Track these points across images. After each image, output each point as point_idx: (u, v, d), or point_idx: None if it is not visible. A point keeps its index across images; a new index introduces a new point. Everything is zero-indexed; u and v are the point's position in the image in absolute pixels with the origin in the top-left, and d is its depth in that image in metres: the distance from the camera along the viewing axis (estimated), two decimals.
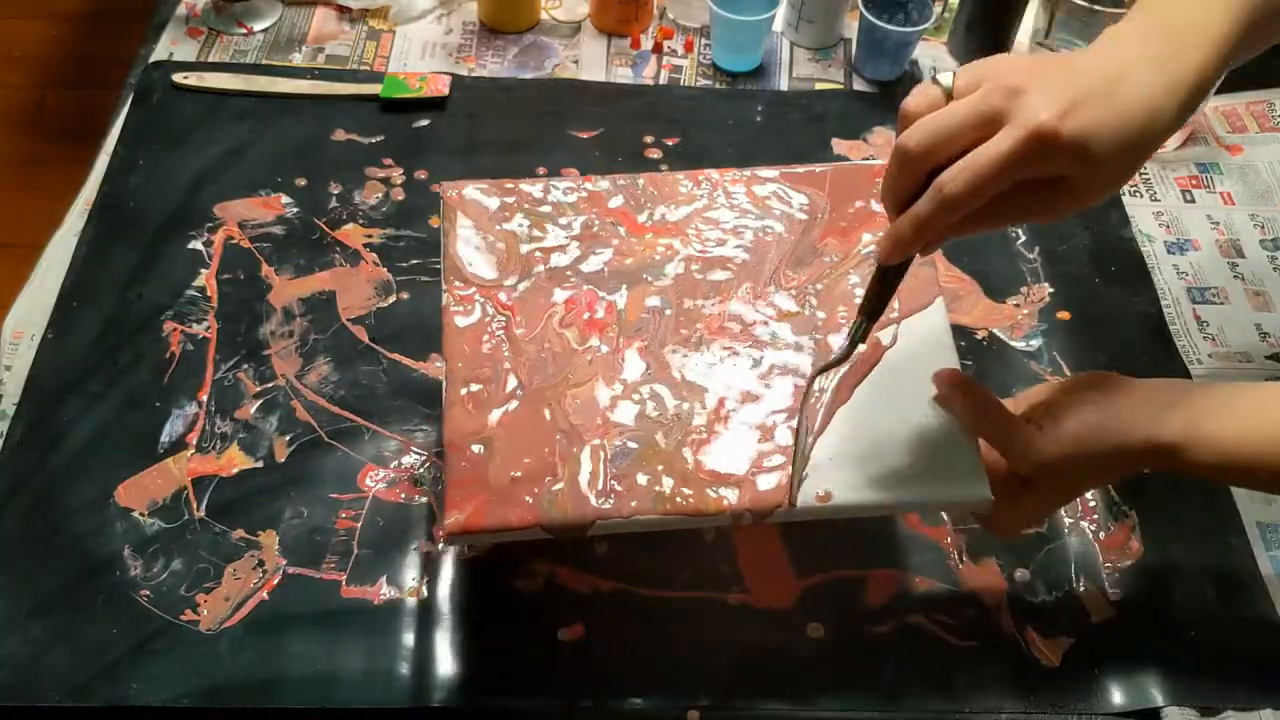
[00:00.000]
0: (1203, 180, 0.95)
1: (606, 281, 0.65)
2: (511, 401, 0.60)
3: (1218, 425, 0.54)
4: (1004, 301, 0.84)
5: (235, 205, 0.85)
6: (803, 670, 0.65)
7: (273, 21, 1.01)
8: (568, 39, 1.03)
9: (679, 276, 0.66)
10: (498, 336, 0.63)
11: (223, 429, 0.73)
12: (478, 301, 0.64)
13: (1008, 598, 0.68)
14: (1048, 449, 0.54)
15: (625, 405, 0.60)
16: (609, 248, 0.67)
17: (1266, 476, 0.55)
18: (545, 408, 0.60)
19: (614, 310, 0.64)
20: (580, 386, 0.61)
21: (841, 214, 0.68)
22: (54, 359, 0.75)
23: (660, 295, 0.65)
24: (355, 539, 0.69)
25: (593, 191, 0.69)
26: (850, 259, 0.66)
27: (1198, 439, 0.54)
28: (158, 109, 0.92)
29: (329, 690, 0.63)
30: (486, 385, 0.61)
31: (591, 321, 0.63)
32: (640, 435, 0.59)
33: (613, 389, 0.61)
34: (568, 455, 0.58)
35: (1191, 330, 0.83)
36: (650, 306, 0.64)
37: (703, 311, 0.64)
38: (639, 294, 0.65)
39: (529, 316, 0.64)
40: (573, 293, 0.65)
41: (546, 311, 0.64)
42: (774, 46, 1.03)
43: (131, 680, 0.62)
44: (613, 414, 0.60)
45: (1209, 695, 0.65)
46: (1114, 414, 0.54)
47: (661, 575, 0.68)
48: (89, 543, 0.67)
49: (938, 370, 0.59)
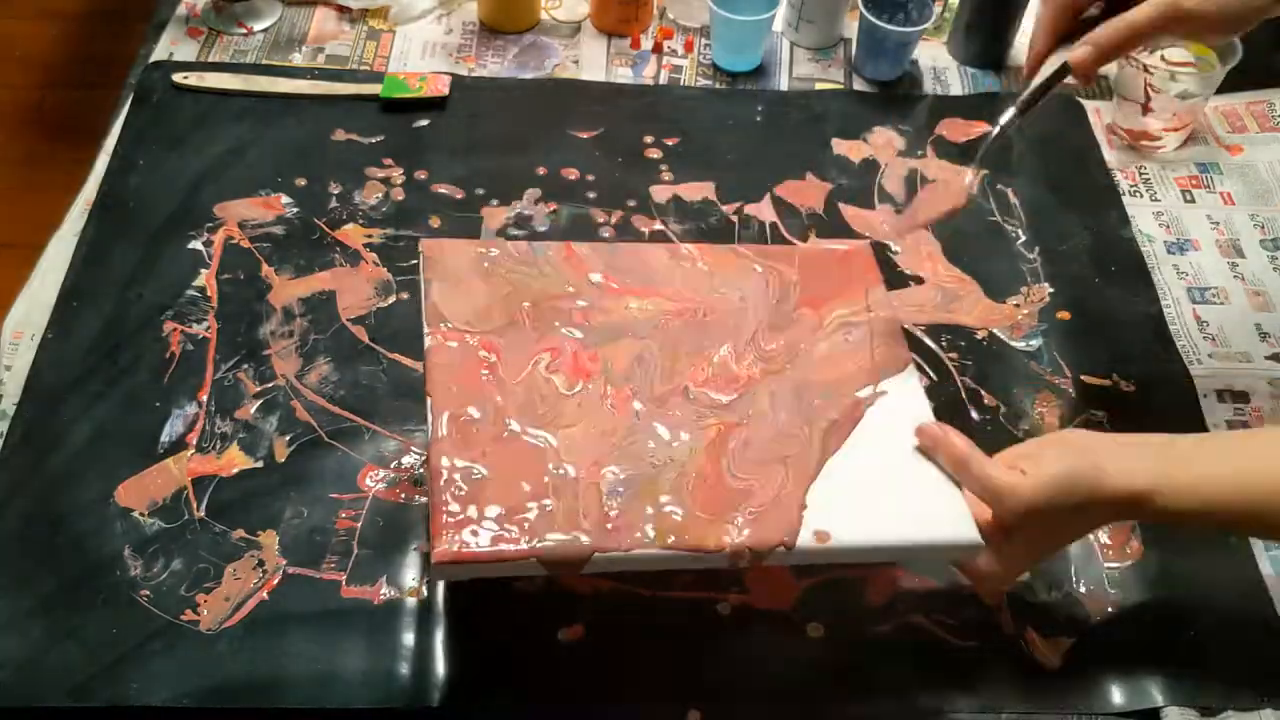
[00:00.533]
0: (1203, 180, 0.95)
1: (590, 333, 0.66)
2: (502, 433, 0.60)
3: (1185, 473, 0.56)
4: (1004, 301, 0.84)
5: (235, 205, 0.85)
6: (803, 670, 0.65)
7: (273, 21, 1.01)
8: (568, 39, 1.03)
9: (662, 332, 0.67)
10: (484, 377, 0.62)
11: (223, 429, 0.73)
12: (463, 343, 0.64)
13: (1008, 598, 0.68)
14: (1028, 495, 0.55)
15: (619, 447, 0.60)
16: (590, 303, 0.68)
17: (1233, 521, 0.57)
18: (537, 443, 0.60)
19: (599, 360, 0.64)
20: (573, 427, 0.61)
21: (810, 289, 0.71)
22: (54, 359, 0.75)
23: (645, 349, 0.66)
24: (355, 539, 0.69)
25: (575, 254, 0.71)
26: (825, 328, 0.69)
27: (1168, 487, 0.55)
28: (158, 109, 0.92)
29: (329, 690, 0.63)
30: (474, 421, 0.60)
31: (578, 368, 0.64)
32: (636, 474, 0.59)
33: (605, 431, 0.61)
34: (562, 488, 0.58)
35: (1191, 330, 0.83)
36: (637, 357, 0.65)
37: (689, 365, 0.65)
38: (625, 347, 0.66)
39: (514, 361, 0.64)
40: (558, 343, 0.65)
41: (532, 358, 0.64)
42: (774, 46, 1.03)
43: (131, 680, 0.62)
44: (607, 454, 0.60)
45: (1209, 695, 0.65)
46: (1091, 462, 0.56)
47: (662, 575, 0.68)
48: (89, 543, 0.67)
49: (920, 424, 0.62)
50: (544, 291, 0.68)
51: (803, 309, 0.70)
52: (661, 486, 0.59)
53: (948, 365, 0.80)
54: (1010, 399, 0.78)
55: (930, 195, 0.81)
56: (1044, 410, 0.77)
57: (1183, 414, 0.78)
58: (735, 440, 0.62)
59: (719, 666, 0.65)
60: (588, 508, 0.57)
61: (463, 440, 0.59)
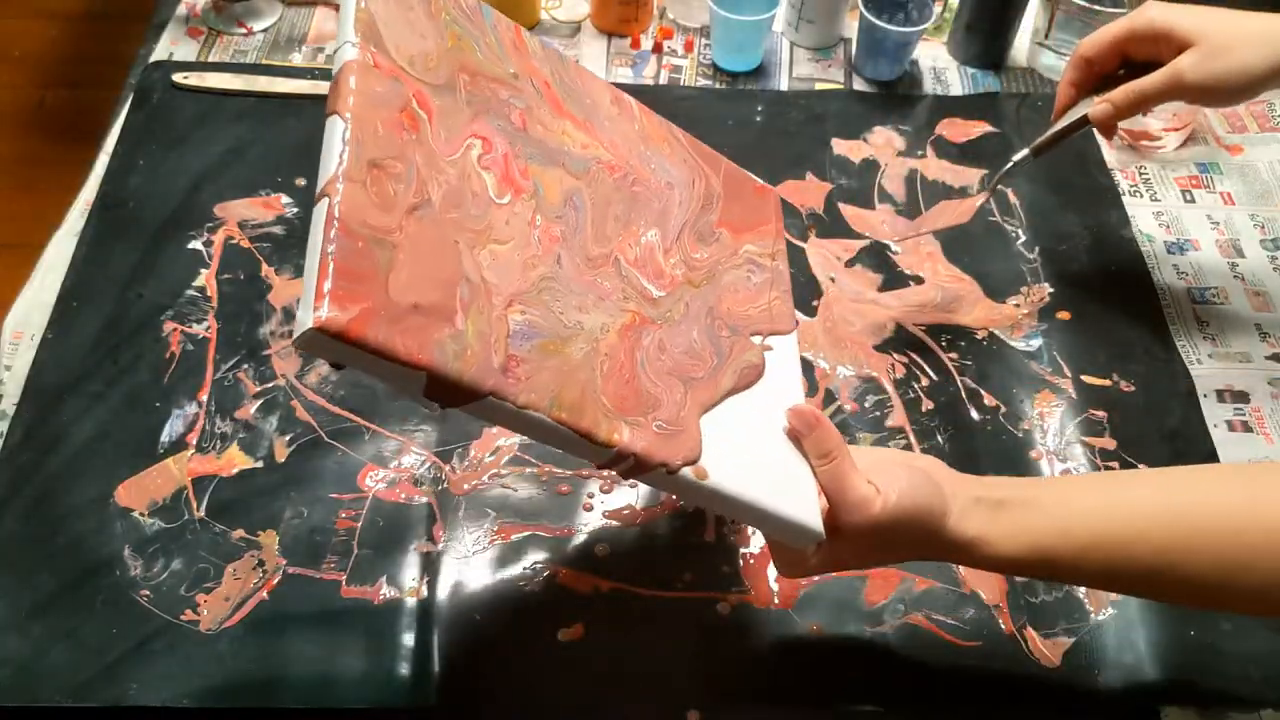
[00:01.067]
0: (1203, 180, 0.95)
1: (525, 143, 0.57)
2: (421, 214, 0.49)
3: (1010, 523, 0.55)
4: (1004, 301, 0.84)
5: (235, 205, 0.85)
6: (803, 670, 0.66)
7: (273, 21, 1.01)
8: (568, 39, 1.03)
9: (593, 180, 0.59)
10: (406, 138, 0.50)
11: (223, 429, 0.73)
12: (395, 82, 0.51)
13: (1008, 598, 0.68)
14: (877, 511, 0.54)
15: (537, 287, 0.52)
16: (528, 108, 0.58)
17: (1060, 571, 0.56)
18: (458, 243, 0.50)
19: (529, 177, 0.56)
20: (503, 245, 0.52)
21: (730, 211, 0.66)
22: (54, 359, 0.75)
23: (577, 190, 0.58)
24: (355, 539, 0.69)
25: (523, 43, 0.61)
26: (738, 257, 0.65)
27: (992, 536, 0.54)
28: (158, 109, 0.92)
29: (329, 690, 0.63)
30: (396, 179, 0.49)
31: (508, 177, 0.54)
32: (549, 328, 0.51)
33: (527, 263, 0.53)
34: (473, 308, 0.49)
35: (1191, 330, 0.83)
36: (569, 196, 0.57)
37: (617, 232, 0.59)
38: (557, 177, 0.57)
39: (445, 134, 0.53)
40: (490, 134, 0.55)
41: (465, 138, 0.54)
42: (774, 46, 1.03)
43: (131, 680, 0.62)
44: (524, 290, 0.51)
45: (1209, 695, 0.65)
46: (938, 499, 0.55)
47: (661, 575, 0.68)
48: (89, 543, 0.67)
49: (793, 406, 0.58)
50: (484, 67, 0.57)
51: (723, 228, 0.65)
52: (573, 354, 0.52)
53: (948, 365, 0.80)
54: (1010, 399, 0.78)
55: (939, 211, 0.82)
56: (1044, 410, 0.78)
57: (1183, 414, 0.78)
58: (649, 338, 0.56)
59: (719, 666, 0.65)
60: (497, 340, 0.49)
61: (380, 199, 0.47)
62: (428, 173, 0.50)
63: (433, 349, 0.46)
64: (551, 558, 0.69)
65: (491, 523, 0.70)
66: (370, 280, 0.45)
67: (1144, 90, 0.72)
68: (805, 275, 0.84)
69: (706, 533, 0.70)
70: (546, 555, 0.69)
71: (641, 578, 0.68)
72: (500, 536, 0.69)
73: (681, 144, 0.67)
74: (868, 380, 0.79)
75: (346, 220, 0.45)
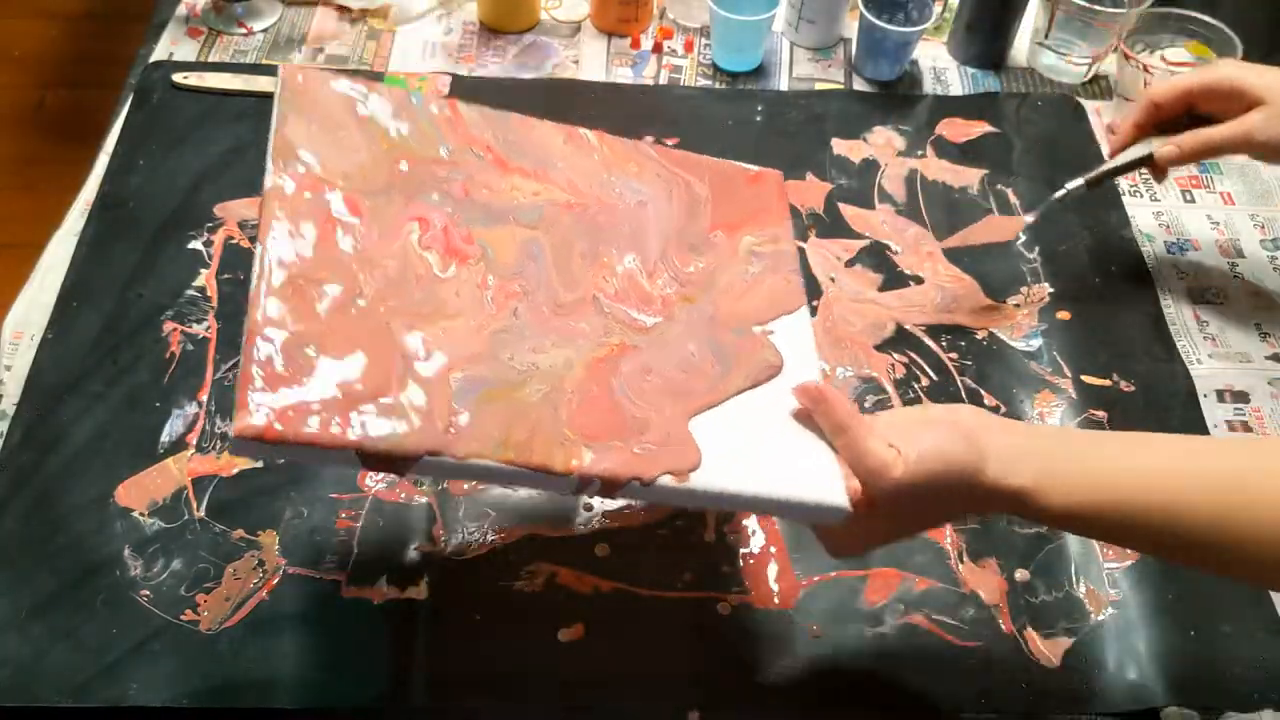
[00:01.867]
0: (1203, 180, 0.95)
1: (467, 208, 0.57)
2: (351, 309, 0.51)
3: (1066, 474, 0.53)
4: (1004, 301, 0.84)
5: (235, 205, 0.85)
6: (803, 670, 0.65)
7: (273, 21, 1.01)
8: (568, 39, 1.03)
9: (550, 225, 0.59)
10: (340, 241, 0.53)
11: (223, 429, 0.73)
12: (318, 196, 0.53)
13: (1008, 598, 0.68)
14: (899, 474, 0.52)
15: (491, 346, 0.53)
16: (469, 177, 0.59)
17: (1109, 527, 0.54)
18: (390, 326, 0.52)
19: (473, 242, 0.56)
20: (453, 320, 0.53)
21: (723, 210, 0.66)
22: (54, 359, 0.75)
23: (533, 240, 0.58)
24: (355, 539, 0.69)
25: (459, 116, 0.62)
26: (738, 256, 0.64)
27: (1046, 487, 0.53)
28: (158, 109, 0.92)
29: (329, 690, 0.63)
30: (318, 285, 0.51)
31: (451, 248, 0.55)
32: (495, 377, 0.52)
33: (482, 328, 0.54)
34: (408, 382, 0.50)
35: (1191, 330, 0.83)
36: (525, 249, 0.57)
37: (586, 274, 0.58)
38: (508, 232, 0.58)
39: (383, 229, 0.54)
40: (424, 213, 0.56)
41: (403, 225, 0.55)
42: (774, 46, 1.03)
43: (131, 680, 0.62)
44: (480, 353, 0.53)
45: (1209, 695, 0.65)
46: (971, 451, 0.53)
47: (662, 575, 0.68)
48: (89, 543, 0.67)
49: (800, 384, 0.57)
50: (419, 153, 0.59)
51: (718, 230, 0.64)
52: (526, 396, 0.52)
53: (948, 365, 0.80)
54: (1010, 399, 0.78)
55: (983, 228, 0.84)
56: (1044, 410, 0.78)
57: (1183, 414, 0.78)
58: (630, 364, 0.56)
59: (719, 666, 0.65)
60: (434, 400, 0.50)
61: (302, 307, 0.50)
62: (362, 270, 0.52)
63: (361, 429, 0.48)
64: (551, 558, 0.69)
65: (491, 523, 0.70)
66: (290, 381, 0.48)
67: (1212, 140, 0.75)
68: (805, 275, 0.84)
69: (706, 533, 0.70)
70: (546, 555, 0.69)
71: (641, 578, 0.68)
72: (500, 537, 0.69)
73: (653, 159, 0.67)
74: (868, 380, 0.79)
75: (264, 332, 0.48)
